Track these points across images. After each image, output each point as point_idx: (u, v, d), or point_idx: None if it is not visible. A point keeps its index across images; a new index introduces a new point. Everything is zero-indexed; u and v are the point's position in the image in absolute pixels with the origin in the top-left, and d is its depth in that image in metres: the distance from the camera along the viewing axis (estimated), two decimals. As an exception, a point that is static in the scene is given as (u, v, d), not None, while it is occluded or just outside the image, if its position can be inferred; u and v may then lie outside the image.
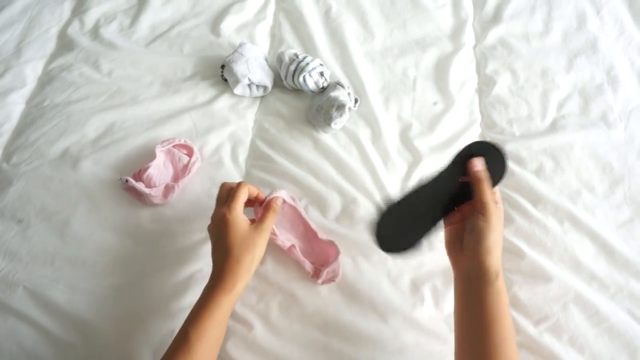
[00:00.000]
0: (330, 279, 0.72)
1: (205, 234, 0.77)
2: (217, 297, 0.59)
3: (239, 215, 0.64)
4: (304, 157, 0.84)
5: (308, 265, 0.72)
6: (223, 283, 0.60)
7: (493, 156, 0.63)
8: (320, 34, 1.00)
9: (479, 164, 0.62)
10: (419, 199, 0.63)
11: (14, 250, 0.77)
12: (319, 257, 0.74)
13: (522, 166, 0.81)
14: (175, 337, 0.59)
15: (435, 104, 0.90)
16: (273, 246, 0.74)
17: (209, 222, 0.78)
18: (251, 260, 0.62)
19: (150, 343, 0.69)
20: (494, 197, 0.61)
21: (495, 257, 0.58)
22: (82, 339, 0.69)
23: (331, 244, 0.73)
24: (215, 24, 1.02)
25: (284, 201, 0.73)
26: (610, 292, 0.71)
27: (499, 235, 0.59)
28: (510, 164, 0.82)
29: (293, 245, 0.72)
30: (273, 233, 0.70)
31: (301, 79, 0.88)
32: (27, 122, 0.91)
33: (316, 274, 0.71)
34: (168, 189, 0.79)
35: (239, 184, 0.66)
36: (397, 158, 0.84)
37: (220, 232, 0.63)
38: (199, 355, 0.57)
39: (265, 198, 0.69)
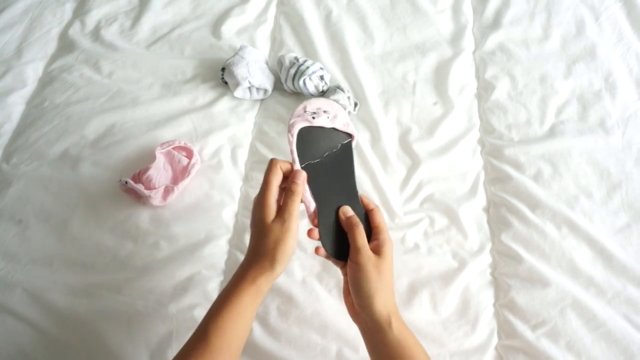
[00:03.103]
0: None
1: (204, 235, 0.77)
2: (238, 288, 0.56)
3: (266, 198, 0.58)
4: (304, 160, 0.84)
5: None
6: (245, 274, 0.56)
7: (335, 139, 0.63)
8: (320, 37, 1.00)
9: (347, 211, 0.60)
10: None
11: (13, 252, 0.77)
12: None
13: (521, 171, 0.82)
14: (194, 333, 0.56)
15: (435, 104, 0.90)
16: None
17: (208, 223, 0.79)
18: (273, 257, 0.56)
19: (149, 345, 0.69)
20: (381, 228, 0.60)
21: (381, 304, 0.56)
22: (81, 340, 0.69)
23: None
24: (216, 26, 1.03)
25: None
26: (607, 298, 0.71)
27: (382, 278, 0.56)
28: (509, 169, 0.82)
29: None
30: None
31: (301, 82, 0.88)
32: (27, 122, 0.91)
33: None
34: (167, 191, 0.79)
35: (269, 165, 0.59)
36: (396, 162, 0.85)
37: (251, 220, 0.60)
38: (217, 350, 0.54)
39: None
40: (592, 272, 0.73)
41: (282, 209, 0.57)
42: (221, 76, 0.92)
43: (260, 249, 0.57)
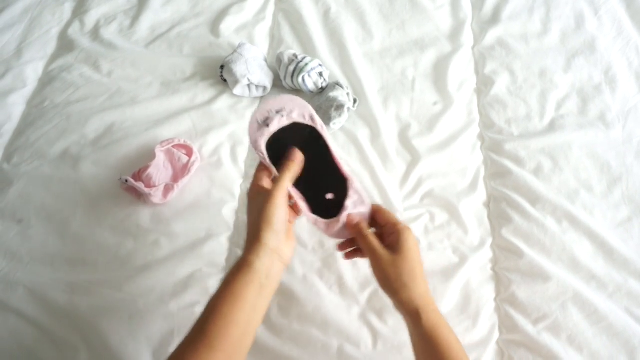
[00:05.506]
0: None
1: (204, 233, 0.77)
2: (231, 271, 0.55)
3: (254, 186, 0.60)
4: (303, 157, 0.84)
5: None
6: (240, 257, 0.56)
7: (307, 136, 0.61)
8: (319, 34, 1.00)
9: (355, 218, 0.60)
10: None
11: (14, 251, 0.77)
12: None
13: (521, 166, 0.82)
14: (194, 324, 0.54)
15: (435, 104, 0.90)
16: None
17: (208, 221, 0.79)
18: (258, 226, 0.55)
19: (150, 343, 0.69)
20: (393, 222, 0.59)
21: (406, 300, 0.55)
22: (82, 338, 0.69)
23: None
24: (214, 24, 1.03)
25: None
26: (608, 291, 0.71)
27: (402, 274, 0.56)
28: (509, 164, 0.82)
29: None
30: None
31: (300, 79, 0.88)
32: (28, 122, 0.91)
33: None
34: (167, 189, 0.79)
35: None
36: (396, 158, 0.85)
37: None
38: (214, 336, 0.51)
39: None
40: (593, 266, 0.72)
41: (272, 185, 0.58)
42: (220, 74, 0.92)
43: (249, 227, 0.57)
